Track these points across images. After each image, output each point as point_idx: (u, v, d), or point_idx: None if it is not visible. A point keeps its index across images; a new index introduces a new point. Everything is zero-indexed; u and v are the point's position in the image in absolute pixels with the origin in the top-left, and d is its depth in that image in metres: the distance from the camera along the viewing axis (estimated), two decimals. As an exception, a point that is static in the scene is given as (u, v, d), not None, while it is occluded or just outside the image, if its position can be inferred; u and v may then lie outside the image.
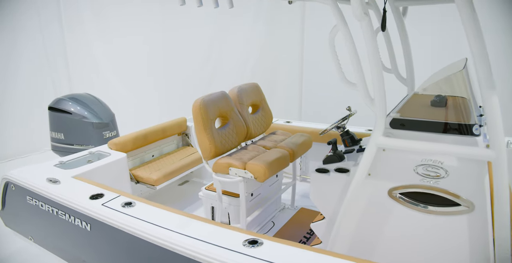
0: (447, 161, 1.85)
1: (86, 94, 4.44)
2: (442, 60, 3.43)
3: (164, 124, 3.99)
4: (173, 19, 6.00)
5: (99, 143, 3.98)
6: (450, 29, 4.16)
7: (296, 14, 5.54)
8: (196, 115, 2.70)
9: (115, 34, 6.23)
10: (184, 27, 6.01)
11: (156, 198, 3.84)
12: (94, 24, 6.22)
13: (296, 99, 5.84)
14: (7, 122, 5.67)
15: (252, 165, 2.61)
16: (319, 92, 5.59)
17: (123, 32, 6.18)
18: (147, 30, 6.13)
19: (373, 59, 1.83)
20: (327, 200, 2.33)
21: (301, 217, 3.41)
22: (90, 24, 6.23)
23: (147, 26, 6.10)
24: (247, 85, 3.28)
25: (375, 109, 1.91)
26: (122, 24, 6.15)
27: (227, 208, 2.94)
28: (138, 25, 6.11)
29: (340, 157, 2.43)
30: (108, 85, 6.36)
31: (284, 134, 3.40)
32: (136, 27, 6.12)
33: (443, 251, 1.94)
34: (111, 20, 6.17)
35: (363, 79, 1.91)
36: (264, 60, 5.91)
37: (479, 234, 1.84)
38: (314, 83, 5.65)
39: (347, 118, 2.69)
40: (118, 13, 6.09)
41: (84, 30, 6.23)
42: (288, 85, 5.90)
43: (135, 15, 6.08)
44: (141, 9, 6.03)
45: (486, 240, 1.83)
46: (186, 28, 6.01)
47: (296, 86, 5.78)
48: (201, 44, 6.08)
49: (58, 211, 2.47)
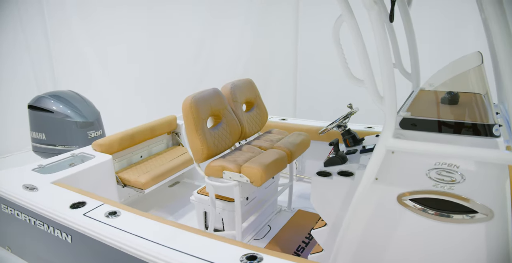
0: (463, 164, 1.69)
1: (69, 91, 4.18)
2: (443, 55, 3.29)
3: (152, 123, 3.77)
4: (162, 15, 5.74)
5: (84, 143, 3.76)
6: (452, 22, 4.01)
7: (290, 5, 5.33)
8: (187, 114, 2.49)
9: (101, 30, 5.94)
10: (173, 23, 5.75)
11: (145, 202, 3.64)
12: (79, 19, 5.92)
13: (291, 95, 5.65)
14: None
15: (247, 168, 2.42)
16: (315, 87, 5.41)
17: (110, 28, 5.90)
18: (134, 26, 5.85)
19: (383, 53, 1.65)
20: (329, 205, 2.15)
21: (299, 219, 3.24)
22: (75, 19, 5.93)
23: (134, 22, 5.83)
24: (241, 81, 3.08)
25: (384, 108, 1.73)
26: (109, 17, 5.86)
27: (220, 214, 2.75)
28: (125, 20, 5.83)
29: (342, 159, 2.25)
30: (94, 82, 6.08)
31: (281, 133, 3.22)
32: (123, 23, 5.84)
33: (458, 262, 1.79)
34: (97, 14, 5.88)
35: (371, 75, 1.73)
36: (257, 54, 5.69)
37: (498, 244, 1.69)
38: (309, 78, 5.46)
39: (348, 116, 2.52)
40: (105, 8, 5.80)
41: (68, 25, 5.93)
42: (282, 80, 5.70)
43: (123, 10, 5.80)
44: (129, 4, 5.75)
45: (506, 250, 1.68)
46: (175, 24, 5.75)
47: (291, 81, 5.58)
48: (191, 39, 5.82)
49: (36, 221, 2.25)
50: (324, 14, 4.71)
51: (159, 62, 5.99)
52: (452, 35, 4.20)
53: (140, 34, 5.86)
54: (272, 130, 3.26)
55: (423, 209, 1.81)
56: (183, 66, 5.94)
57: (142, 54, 5.97)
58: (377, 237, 1.97)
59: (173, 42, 5.85)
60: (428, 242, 1.84)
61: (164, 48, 5.89)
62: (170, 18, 5.71)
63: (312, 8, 5.19)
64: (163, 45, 5.89)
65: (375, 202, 1.93)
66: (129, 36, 5.89)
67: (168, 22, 5.74)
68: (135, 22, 5.78)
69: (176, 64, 5.92)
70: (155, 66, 6.04)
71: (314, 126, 3.70)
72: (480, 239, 1.71)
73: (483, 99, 1.88)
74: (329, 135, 2.94)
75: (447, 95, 2.02)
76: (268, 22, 5.54)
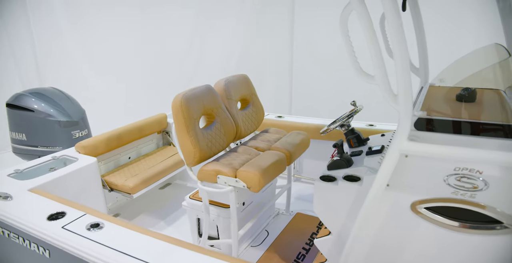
0: (487, 170, 1.51)
1: (52, 88, 3.93)
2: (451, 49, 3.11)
3: (141, 122, 3.54)
4: (154, 10, 5.47)
5: (68, 144, 3.53)
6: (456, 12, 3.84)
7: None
8: (177, 113, 2.28)
9: (88, 25, 5.65)
10: (163, 18, 5.49)
11: (134, 206, 3.42)
12: (64, 13, 5.63)
13: (286, 91, 5.44)
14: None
15: (244, 172, 2.22)
16: (311, 83, 5.21)
17: (97, 24, 5.62)
18: (122, 22, 5.57)
19: (398, 44, 1.46)
20: (334, 213, 1.97)
21: (298, 223, 3.06)
22: (60, 15, 5.63)
23: (123, 16, 5.55)
24: (235, 77, 2.86)
25: (399, 107, 1.54)
26: (96, 13, 5.58)
27: (215, 220, 2.55)
28: (113, 15, 5.55)
29: (348, 162, 2.06)
30: (81, 81, 5.81)
31: (278, 132, 3.02)
32: (110, 17, 5.56)
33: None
34: (85, 10, 5.59)
35: (383, 70, 1.54)
36: (251, 49, 5.46)
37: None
38: (305, 73, 5.25)
39: (352, 115, 2.33)
40: (93, 4, 5.51)
41: (53, 20, 5.63)
42: (277, 76, 5.48)
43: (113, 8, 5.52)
44: (119, 2, 5.48)
45: (534, 265, 1.51)
46: (165, 19, 5.48)
47: (286, 76, 5.37)
48: (182, 35, 5.56)
49: (10, 233, 2.03)
50: (324, 5, 4.52)
51: (149, 59, 5.73)
52: (457, 27, 4.04)
53: (129, 31, 5.60)
54: (269, 130, 3.06)
55: (441, 218, 1.64)
56: (174, 63, 5.69)
57: (131, 52, 5.71)
58: (388, 249, 1.80)
59: (163, 38, 5.59)
60: (446, 255, 1.67)
61: (155, 44, 5.63)
62: (162, 14, 5.46)
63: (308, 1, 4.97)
64: (154, 41, 5.63)
65: (386, 210, 1.75)
66: (117, 33, 5.62)
67: (160, 17, 5.49)
68: (124, 20, 5.53)
69: (166, 61, 5.67)
70: (144, 63, 5.78)
71: (312, 124, 3.52)
72: (506, 251, 1.54)
73: (504, 97, 1.70)
74: (329, 134, 2.76)
75: (463, 92, 1.84)
76: (261, 15, 5.30)
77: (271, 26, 5.26)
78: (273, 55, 5.39)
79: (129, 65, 5.76)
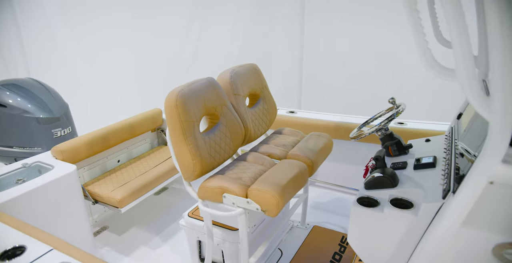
0: None
1: (29, 79, 3.42)
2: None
3: (132, 118, 3.04)
4: (148, 4, 4.92)
5: (49, 144, 3.07)
6: None
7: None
8: (171, 115, 1.78)
9: (77, 18, 5.14)
10: (159, 6, 4.93)
11: (124, 217, 2.96)
12: (55, 6, 5.11)
13: (295, 83, 4.90)
14: None
15: (258, 191, 1.73)
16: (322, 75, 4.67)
17: (88, 17, 5.10)
18: (116, 19, 5.04)
19: (495, 29, 0.96)
20: (377, 248, 1.51)
21: (316, 240, 2.61)
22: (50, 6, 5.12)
23: (116, 13, 5.01)
24: (243, 67, 2.35)
25: (492, 116, 1.06)
26: (88, 6, 5.04)
27: (220, 245, 2.08)
28: (107, 13, 5.02)
29: (393, 179, 1.59)
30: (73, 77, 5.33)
31: (294, 133, 2.53)
32: (104, 15, 5.03)
33: None
34: (78, 4, 5.06)
35: (471, 63, 1.05)
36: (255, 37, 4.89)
37: None
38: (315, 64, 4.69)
39: (393, 117, 1.83)
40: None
41: (43, 13, 5.11)
42: (285, 66, 4.92)
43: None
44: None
45: None
46: (161, 6, 4.93)
47: (296, 67, 4.82)
48: (178, 24, 4.99)
49: None
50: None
51: (143, 53, 5.20)
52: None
53: (122, 22, 5.07)
54: (283, 130, 2.57)
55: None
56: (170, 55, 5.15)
57: (124, 46, 5.18)
58: None
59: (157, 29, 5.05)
60: None
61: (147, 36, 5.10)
62: (158, 7, 4.93)
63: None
64: (146, 34, 5.10)
65: (457, 252, 1.28)
66: (108, 24, 5.10)
67: (156, 11, 4.95)
68: (116, 13, 5.00)
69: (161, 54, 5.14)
70: (136, 57, 5.25)
71: (332, 122, 3.02)
72: None
73: None
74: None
75: None
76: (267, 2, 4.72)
77: (279, 15, 4.71)
78: (280, 46, 4.84)
79: (124, 62, 5.25)
